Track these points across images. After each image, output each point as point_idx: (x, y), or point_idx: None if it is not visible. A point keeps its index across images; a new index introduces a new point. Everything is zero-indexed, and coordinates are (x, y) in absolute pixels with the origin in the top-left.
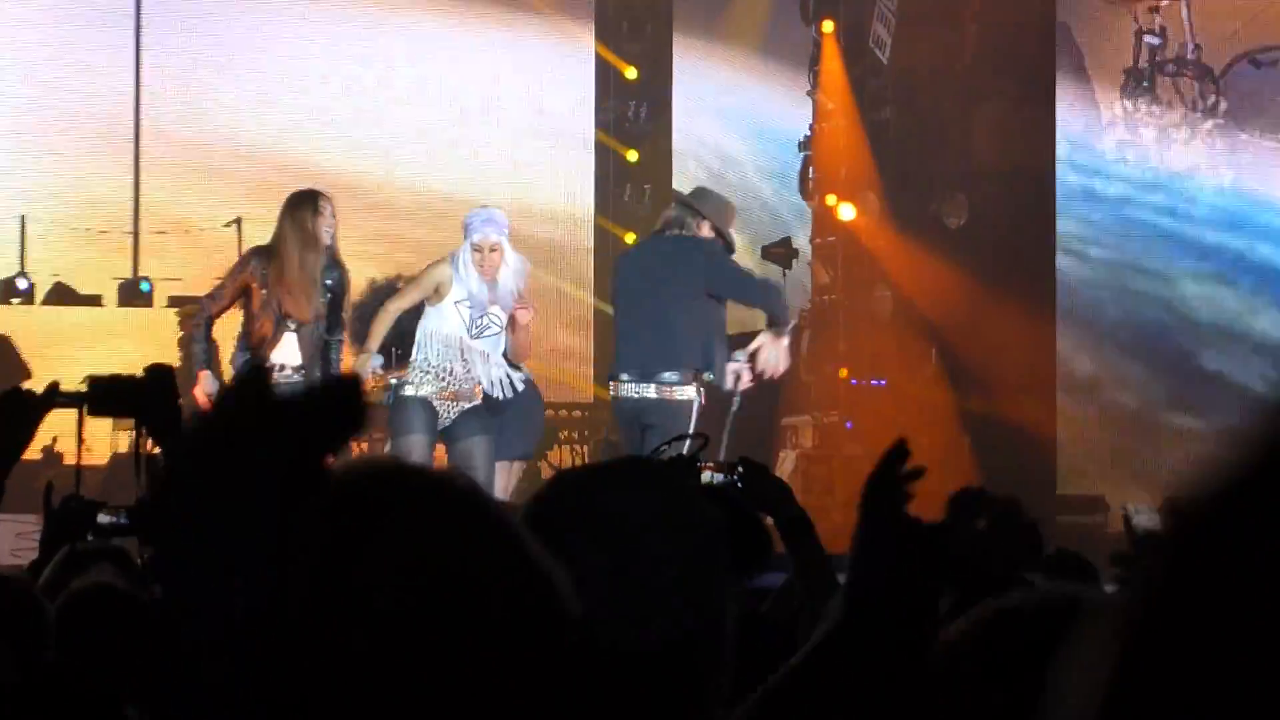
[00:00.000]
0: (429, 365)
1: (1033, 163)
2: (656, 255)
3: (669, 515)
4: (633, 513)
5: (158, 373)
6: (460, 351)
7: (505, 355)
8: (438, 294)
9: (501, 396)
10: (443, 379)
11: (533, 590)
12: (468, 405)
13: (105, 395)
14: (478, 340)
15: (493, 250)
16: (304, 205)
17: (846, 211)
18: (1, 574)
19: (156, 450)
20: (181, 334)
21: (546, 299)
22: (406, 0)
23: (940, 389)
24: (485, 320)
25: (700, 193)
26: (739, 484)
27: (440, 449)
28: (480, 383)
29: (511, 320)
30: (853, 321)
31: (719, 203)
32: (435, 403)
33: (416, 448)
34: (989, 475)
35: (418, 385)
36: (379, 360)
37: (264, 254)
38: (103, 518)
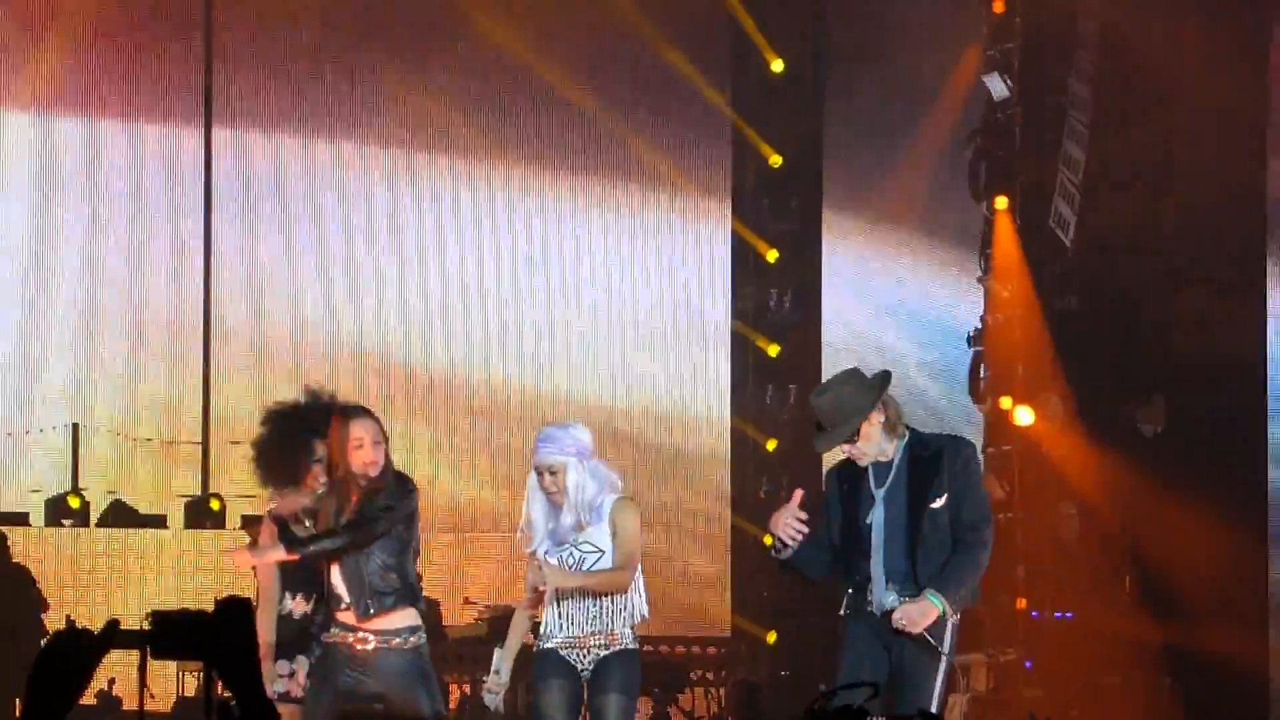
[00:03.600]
0: (548, 630)
1: (1240, 359)
2: None
3: None
4: None
5: (231, 608)
6: (564, 602)
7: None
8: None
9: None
10: (569, 630)
11: None
12: (604, 653)
13: (171, 634)
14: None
15: (553, 474)
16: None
17: (1024, 416)
18: None
19: (229, 695)
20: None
21: (676, 517)
22: (507, 173)
23: (1135, 621)
24: (577, 556)
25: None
26: None
27: None
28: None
29: None
30: (1033, 543)
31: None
32: (563, 652)
33: (545, 707)
34: None
35: (548, 638)
36: (498, 660)
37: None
38: None
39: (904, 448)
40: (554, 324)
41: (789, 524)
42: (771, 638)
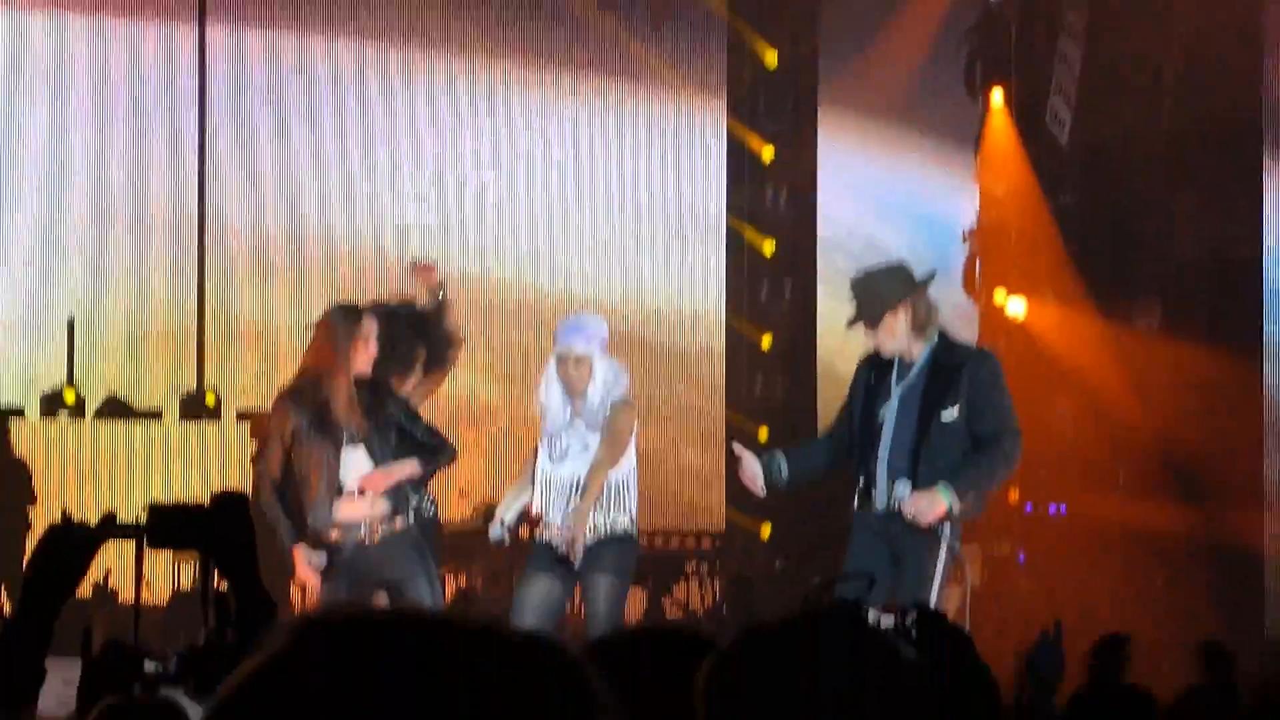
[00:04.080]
0: (546, 521)
1: (1237, 256)
2: None
3: (887, 687)
4: (847, 682)
5: (228, 500)
6: (548, 486)
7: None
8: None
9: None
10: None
11: None
12: (590, 541)
13: (168, 526)
14: (557, 465)
15: (578, 362)
16: (339, 325)
17: (1016, 307)
18: None
19: (225, 587)
20: (254, 450)
21: (670, 412)
22: (502, 70)
23: (1129, 515)
24: (564, 442)
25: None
26: (911, 631)
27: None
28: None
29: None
30: (1026, 437)
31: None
32: (557, 543)
33: (522, 600)
34: (1187, 613)
35: (543, 530)
36: (512, 515)
37: (295, 395)
38: (149, 665)
39: (929, 351)
40: (547, 221)
41: (753, 479)
42: (765, 531)
